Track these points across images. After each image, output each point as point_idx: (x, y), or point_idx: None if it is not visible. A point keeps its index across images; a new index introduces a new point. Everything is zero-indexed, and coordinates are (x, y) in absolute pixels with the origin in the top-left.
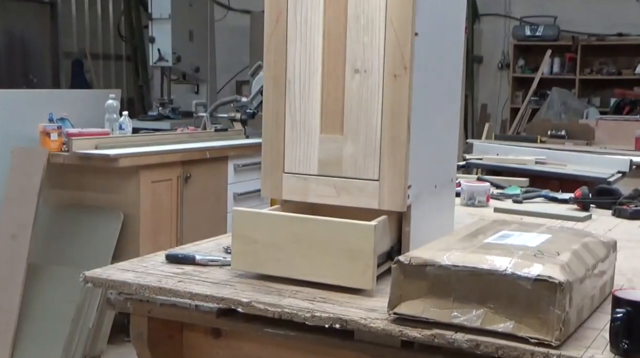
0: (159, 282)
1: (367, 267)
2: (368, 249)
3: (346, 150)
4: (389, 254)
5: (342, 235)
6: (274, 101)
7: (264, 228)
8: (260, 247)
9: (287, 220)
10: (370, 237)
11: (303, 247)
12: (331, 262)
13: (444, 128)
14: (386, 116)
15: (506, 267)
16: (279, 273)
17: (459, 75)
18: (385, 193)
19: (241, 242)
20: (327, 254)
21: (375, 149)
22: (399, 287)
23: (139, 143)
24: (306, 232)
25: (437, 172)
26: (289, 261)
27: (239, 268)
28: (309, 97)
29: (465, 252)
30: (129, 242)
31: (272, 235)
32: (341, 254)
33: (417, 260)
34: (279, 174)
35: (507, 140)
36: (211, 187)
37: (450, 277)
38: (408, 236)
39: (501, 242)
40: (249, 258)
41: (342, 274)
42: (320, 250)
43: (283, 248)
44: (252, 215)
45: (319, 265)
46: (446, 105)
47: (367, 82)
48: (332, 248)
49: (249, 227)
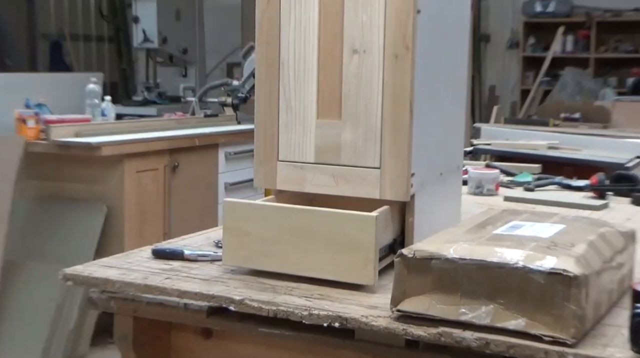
0: (144, 279)
1: (367, 261)
2: (369, 242)
3: (345, 136)
4: (392, 247)
5: (341, 227)
6: (267, 84)
7: (257, 221)
8: (253, 241)
9: (281, 212)
10: (371, 229)
11: (299, 240)
12: (329, 256)
13: (450, 111)
14: (387, 99)
15: (517, 259)
16: (274, 268)
17: (465, 55)
18: (387, 182)
19: (233, 235)
20: (325, 248)
21: (375, 134)
22: (402, 282)
23: (122, 130)
24: (302, 224)
25: (443, 159)
26: (284, 255)
27: (231, 264)
28: (305, 80)
29: (473, 244)
30: (113, 237)
31: (266, 228)
32: (340, 248)
33: (421, 253)
34: (272, 162)
35: (517, 124)
36: (200, 177)
37: (457, 271)
38: (412, 228)
39: (512, 233)
40: (241, 252)
41: (341, 269)
42: (317, 244)
43: (278, 242)
44: (245, 206)
45: (316, 260)
46: (451, 87)
47: (366, 63)
48: (330, 242)
49: (241, 219)
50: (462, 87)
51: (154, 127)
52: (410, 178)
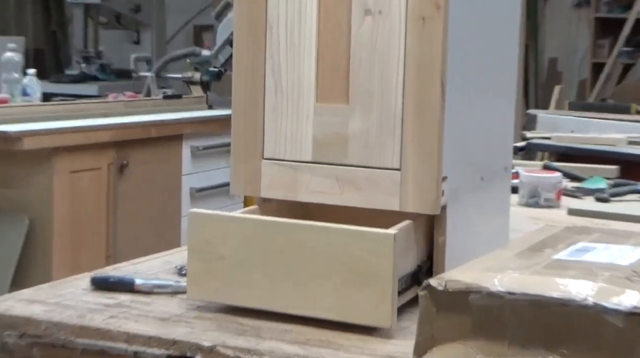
0: (80, 318)
1: (383, 296)
2: (385, 270)
3: (353, 126)
4: (415, 276)
5: (347, 249)
6: (249, 55)
7: (233, 240)
8: (228, 267)
9: (267, 228)
10: (387, 252)
11: (291, 266)
12: (331, 288)
13: (494, 94)
14: (410, 76)
15: (586, 295)
16: (256, 304)
17: (516, 17)
18: (410, 189)
19: (201, 259)
20: (326, 277)
21: (394, 123)
22: (429, 325)
23: (51, 115)
24: (295, 245)
25: (485, 158)
26: (270, 287)
27: (198, 298)
28: (300, 50)
29: (525, 274)
30: (38, 259)
31: (246, 250)
32: (346, 277)
33: (455, 285)
34: (255, 161)
35: (586, 110)
36: (158, 180)
37: (504, 309)
38: (443, 250)
39: (578, 258)
40: (212, 283)
41: (347, 306)
42: (315, 272)
43: (262, 269)
44: (217, 219)
45: (314, 294)
46: (497, 60)
47: (382, 28)
48: (332, 269)
49: (212, 238)
50: (512, 61)
51: (94, 111)
52: (442, 183)
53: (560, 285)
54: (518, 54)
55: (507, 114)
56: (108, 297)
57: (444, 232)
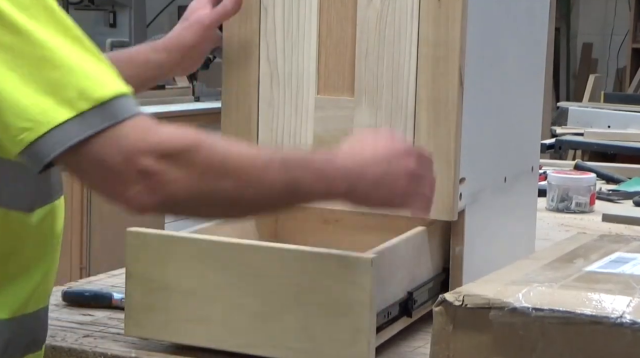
0: (51, 339)
1: (358, 332)
2: (360, 302)
3: (359, 121)
4: (404, 305)
5: (315, 276)
6: (242, 41)
7: (179, 265)
8: (174, 299)
9: (219, 250)
10: (364, 281)
11: (248, 296)
12: (299, 323)
13: (520, 85)
14: (424, 65)
15: (622, 311)
16: (209, 343)
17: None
18: None
19: (140, 287)
20: (293, 310)
21: (406, 117)
22: (445, 345)
23: None
24: (255, 272)
25: (508, 157)
26: (225, 323)
27: (137, 335)
28: (298, 35)
29: (554, 287)
30: None
31: (195, 278)
32: (315, 310)
33: (474, 300)
34: None
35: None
36: None
37: (530, 328)
38: (460, 261)
39: (614, 270)
40: (155, 317)
41: (315, 345)
42: (280, 304)
43: (215, 301)
44: (160, 240)
45: (278, 330)
46: (524, 46)
47: (392, 9)
48: (298, 301)
49: (154, 263)
50: (541, 47)
51: None
52: (459, 185)
53: (593, 300)
54: (548, 39)
55: (534, 107)
56: (82, 314)
57: (462, 240)
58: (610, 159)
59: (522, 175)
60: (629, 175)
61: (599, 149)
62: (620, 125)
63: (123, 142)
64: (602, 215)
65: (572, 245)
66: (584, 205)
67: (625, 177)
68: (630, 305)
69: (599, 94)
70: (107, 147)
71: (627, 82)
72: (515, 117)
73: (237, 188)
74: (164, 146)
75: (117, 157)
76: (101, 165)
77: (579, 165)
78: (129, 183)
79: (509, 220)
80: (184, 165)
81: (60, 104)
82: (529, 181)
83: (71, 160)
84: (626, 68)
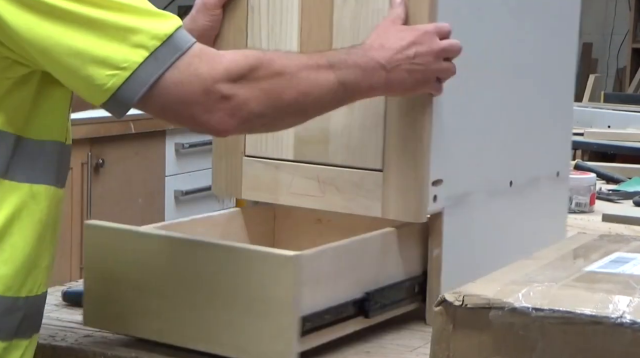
0: (51, 339)
1: (282, 330)
2: (281, 300)
3: (336, 120)
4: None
5: (246, 273)
6: (230, 39)
7: (129, 259)
8: (125, 292)
9: (163, 245)
10: (285, 279)
11: (190, 292)
12: (232, 320)
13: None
14: None
15: (623, 311)
16: (155, 337)
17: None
18: (393, 193)
19: (97, 281)
20: (228, 307)
21: (377, 118)
22: (445, 344)
23: None
24: (193, 267)
25: (518, 162)
26: (167, 317)
27: (95, 326)
28: (282, 33)
29: (553, 287)
30: None
31: (144, 272)
32: (247, 308)
33: (474, 300)
34: (236, 159)
35: (625, 102)
36: (138, 182)
37: (530, 328)
38: (439, 264)
39: (614, 270)
40: (109, 309)
41: (249, 342)
42: (214, 300)
43: (161, 296)
44: (112, 234)
45: (211, 326)
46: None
47: (365, 9)
48: (232, 297)
49: (106, 255)
50: (569, 49)
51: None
52: (432, 187)
53: (593, 300)
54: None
55: (558, 111)
56: (82, 314)
57: (439, 243)
58: (610, 159)
59: (539, 180)
60: (629, 175)
61: (599, 148)
62: (620, 125)
63: (197, 73)
64: (602, 215)
65: (572, 245)
66: (584, 205)
67: (625, 177)
68: (630, 305)
69: (599, 94)
70: (183, 79)
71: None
72: (529, 122)
73: (300, 94)
74: (233, 70)
75: (196, 88)
76: (182, 98)
77: (579, 165)
78: (212, 111)
79: (518, 225)
80: (253, 83)
81: (135, 47)
82: (553, 186)
83: (152, 99)
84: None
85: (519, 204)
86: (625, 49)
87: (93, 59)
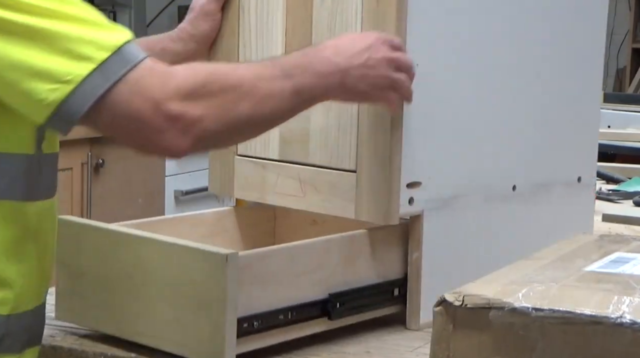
0: (51, 339)
1: (216, 328)
2: (217, 297)
3: (315, 120)
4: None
5: (185, 269)
6: (223, 39)
7: (92, 253)
8: (88, 285)
9: (114, 240)
10: (220, 277)
11: (137, 287)
12: (173, 315)
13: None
14: None
15: (623, 311)
16: (110, 330)
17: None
18: (365, 194)
19: (66, 274)
20: (168, 302)
21: (351, 118)
22: (445, 344)
23: None
24: (140, 263)
25: (524, 166)
26: (119, 310)
27: (65, 319)
28: (268, 32)
29: (553, 287)
30: None
31: (102, 266)
32: (187, 303)
33: (474, 300)
34: (230, 157)
35: (625, 102)
36: (138, 182)
37: (529, 328)
38: (418, 268)
39: (614, 270)
40: (77, 303)
41: (188, 338)
42: (158, 295)
43: (115, 289)
44: (78, 228)
45: (155, 321)
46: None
47: (341, 8)
48: (173, 293)
49: (74, 250)
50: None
51: None
52: (406, 189)
53: (593, 300)
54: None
55: (581, 116)
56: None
57: (418, 247)
58: (610, 159)
59: (554, 186)
60: (629, 175)
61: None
62: (620, 125)
63: (147, 89)
64: (602, 215)
65: (572, 245)
66: None
67: (625, 177)
68: (630, 305)
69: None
70: (132, 96)
71: (627, 82)
72: (542, 125)
73: (254, 106)
74: (184, 87)
75: (146, 105)
76: (131, 115)
77: None
78: (162, 131)
79: (521, 231)
80: (205, 99)
81: (80, 59)
82: (571, 193)
83: (99, 115)
84: (626, 68)
85: (524, 210)
86: (625, 49)
87: (33, 72)
